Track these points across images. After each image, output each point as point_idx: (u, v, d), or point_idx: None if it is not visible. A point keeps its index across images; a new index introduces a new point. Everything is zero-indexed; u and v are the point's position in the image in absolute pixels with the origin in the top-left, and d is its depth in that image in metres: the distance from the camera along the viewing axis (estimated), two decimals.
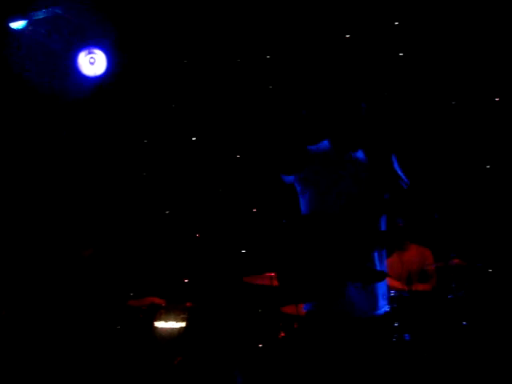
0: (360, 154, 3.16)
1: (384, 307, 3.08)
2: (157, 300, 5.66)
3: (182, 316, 5.59)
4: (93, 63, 6.11)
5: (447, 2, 5.56)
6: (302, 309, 3.20)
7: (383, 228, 3.13)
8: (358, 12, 5.72)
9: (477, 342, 5.17)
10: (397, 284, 5.27)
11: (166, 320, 5.55)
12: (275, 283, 5.36)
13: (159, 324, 5.55)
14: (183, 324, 5.58)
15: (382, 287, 3.09)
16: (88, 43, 6.05)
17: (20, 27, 5.64)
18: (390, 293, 3.16)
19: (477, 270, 5.40)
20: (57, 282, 5.66)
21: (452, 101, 5.76)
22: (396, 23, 5.71)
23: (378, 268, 3.04)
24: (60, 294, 5.63)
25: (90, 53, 6.09)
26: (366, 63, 5.53)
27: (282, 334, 5.32)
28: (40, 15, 5.66)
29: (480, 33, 5.57)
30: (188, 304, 5.67)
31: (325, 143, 3.23)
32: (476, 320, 5.21)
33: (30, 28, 5.70)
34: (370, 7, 5.67)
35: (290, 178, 3.19)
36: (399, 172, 3.09)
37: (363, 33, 5.78)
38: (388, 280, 3.18)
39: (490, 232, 5.63)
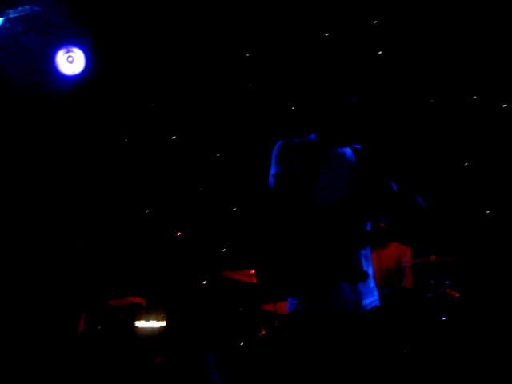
0: (348, 151, 3.10)
1: (374, 302, 3.03)
2: (137, 299, 5.65)
3: (162, 315, 5.58)
4: (71, 62, 6.07)
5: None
6: (285, 308, 3.17)
7: (368, 227, 3.10)
8: (350, 6, 5.73)
9: (457, 338, 5.22)
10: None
11: (147, 319, 5.54)
12: (255, 280, 5.37)
13: (140, 323, 5.53)
14: (164, 323, 5.57)
15: (371, 282, 3.04)
16: (66, 42, 6.01)
17: None
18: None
19: (457, 266, 5.45)
20: (50, 275, 5.64)
21: (444, 96, 5.76)
22: (388, 17, 5.71)
23: (364, 267, 3.00)
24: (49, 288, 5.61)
25: (68, 51, 6.05)
26: (358, 58, 5.52)
27: (263, 332, 5.32)
28: (17, 13, 5.61)
29: (475, 30, 5.60)
30: (168, 303, 5.67)
31: (312, 137, 3.15)
32: (455, 316, 5.26)
33: (6, 26, 5.65)
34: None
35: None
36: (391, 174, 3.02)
37: (355, 27, 5.78)
38: None
39: (471, 227, 5.68)
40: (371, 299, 3.01)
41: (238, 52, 6.23)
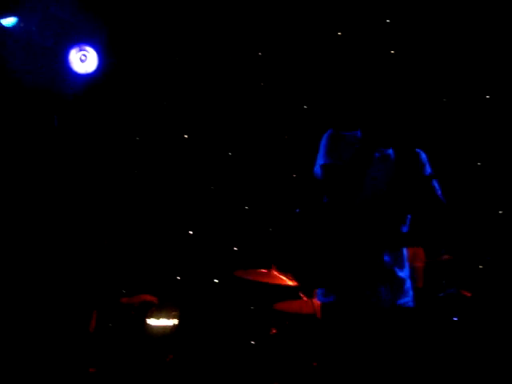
0: (390, 152, 3.12)
1: (408, 302, 3.11)
2: (149, 297, 5.66)
3: (174, 313, 5.60)
4: (84, 60, 6.09)
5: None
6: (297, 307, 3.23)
7: (404, 230, 3.12)
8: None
9: (468, 338, 5.21)
10: None
11: (158, 317, 5.56)
12: (267, 280, 5.40)
13: (151, 321, 5.55)
14: (175, 321, 5.58)
15: (407, 282, 3.13)
16: (79, 40, 6.03)
17: (11, 24, 5.62)
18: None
19: (468, 266, 5.44)
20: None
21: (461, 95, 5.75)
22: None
23: (395, 267, 3.06)
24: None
25: (81, 50, 6.07)
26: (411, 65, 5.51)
27: (274, 331, 5.32)
28: (32, 12, 5.65)
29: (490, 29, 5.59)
30: (180, 301, 5.68)
31: (358, 133, 3.17)
32: (467, 317, 5.25)
33: (21, 25, 5.68)
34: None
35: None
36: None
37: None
38: None
39: (482, 228, 5.66)
40: (402, 299, 3.09)
41: (253, 50, 6.24)
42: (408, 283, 3.15)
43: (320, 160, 3.08)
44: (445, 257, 5.18)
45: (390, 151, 3.13)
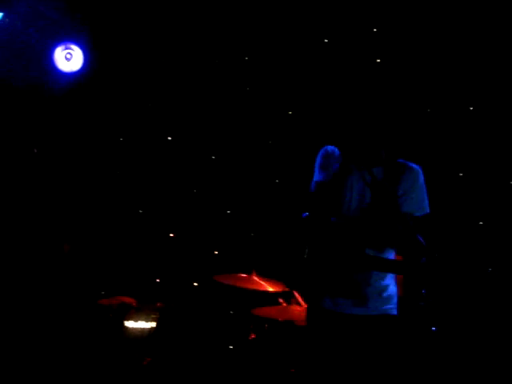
0: (378, 171, 3.15)
1: (389, 306, 3.17)
2: (127, 299, 5.63)
3: (152, 316, 5.56)
4: (69, 59, 6.07)
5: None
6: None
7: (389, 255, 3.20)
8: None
9: (447, 347, 5.22)
10: None
11: (137, 320, 5.52)
12: (246, 285, 5.39)
13: (129, 324, 5.51)
14: (154, 324, 5.55)
15: (390, 288, 3.19)
16: (65, 38, 6.01)
17: None
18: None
19: (447, 275, 5.45)
20: (33, 276, 5.64)
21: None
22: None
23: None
24: (34, 289, 5.62)
25: (66, 48, 6.05)
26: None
27: (253, 336, 5.31)
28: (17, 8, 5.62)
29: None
30: (159, 304, 5.65)
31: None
32: (446, 326, 5.26)
33: (6, 21, 5.64)
34: None
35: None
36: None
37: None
38: None
39: (462, 236, 5.68)
40: (381, 306, 3.14)
41: (239, 52, 6.23)
42: (391, 290, 3.20)
43: (314, 177, 3.23)
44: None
45: (378, 169, 3.17)
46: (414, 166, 3.23)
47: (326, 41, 5.91)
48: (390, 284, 3.21)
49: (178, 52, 6.24)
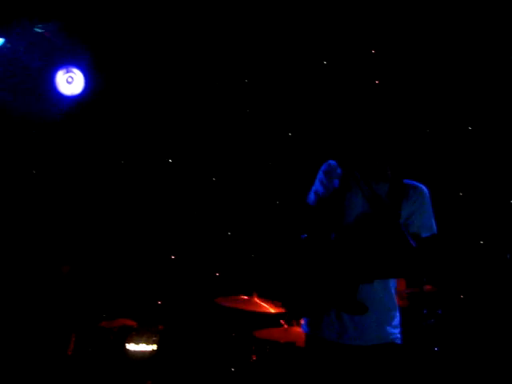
0: (381, 188, 3.13)
1: (392, 336, 3.07)
2: (129, 322, 5.62)
3: (153, 338, 5.55)
4: (71, 82, 6.10)
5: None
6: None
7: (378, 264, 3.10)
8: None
9: (449, 367, 5.20)
10: None
11: (138, 342, 5.51)
12: (247, 307, 5.38)
13: (130, 346, 5.50)
14: (155, 347, 5.54)
15: (395, 316, 3.11)
16: (66, 62, 6.05)
17: None
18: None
19: (448, 296, 5.45)
20: (33, 296, 5.64)
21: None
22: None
23: (368, 300, 3.02)
24: (35, 309, 5.60)
25: (67, 72, 6.09)
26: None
27: (254, 358, 5.29)
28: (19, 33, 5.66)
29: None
30: (160, 327, 5.64)
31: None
32: (448, 346, 5.25)
33: (8, 46, 5.69)
34: None
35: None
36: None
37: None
38: None
39: (464, 258, 5.68)
40: (380, 334, 3.03)
41: (239, 75, 6.28)
42: (396, 318, 3.12)
43: (314, 187, 3.20)
44: (427, 287, 5.17)
45: (383, 186, 3.15)
46: (421, 186, 3.20)
47: (331, 60, 5.94)
48: (396, 312, 3.13)
49: (179, 75, 6.28)
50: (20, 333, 5.58)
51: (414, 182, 3.20)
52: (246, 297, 5.37)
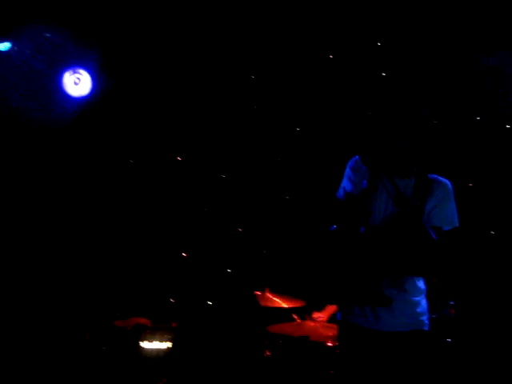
0: (402, 183, 3.19)
1: (420, 323, 3.19)
2: (142, 320, 5.65)
3: (167, 336, 5.57)
4: (78, 83, 6.13)
5: None
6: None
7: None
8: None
9: (462, 359, 5.21)
10: None
11: (152, 340, 5.53)
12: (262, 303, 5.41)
13: (144, 344, 5.52)
14: (169, 344, 5.56)
15: (422, 305, 3.22)
16: (73, 63, 6.07)
17: (5, 48, 5.66)
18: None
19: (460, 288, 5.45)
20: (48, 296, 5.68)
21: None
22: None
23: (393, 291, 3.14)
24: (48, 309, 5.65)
25: (74, 73, 6.11)
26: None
27: (268, 353, 5.31)
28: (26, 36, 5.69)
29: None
30: (174, 324, 5.66)
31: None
32: (461, 338, 5.25)
33: (15, 49, 5.72)
34: None
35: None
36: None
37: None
38: None
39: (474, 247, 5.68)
40: (414, 322, 3.16)
41: (246, 70, 6.28)
42: (423, 305, 3.23)
43: (342, 183, 3.31)
44: (433, 280, 5.18)
45: (409, 183, 3.22)
46: (445, 180, 3.28)
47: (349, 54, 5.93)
48: (422, 299, 3.24)
49: (186, 73, 6.29)
50: (33, 332, 5.63)
51: (439, 177, 3.28)
52: (258, 292, 5.41)
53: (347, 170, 3.31)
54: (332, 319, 5.33)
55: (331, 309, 5.37)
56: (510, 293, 5.65)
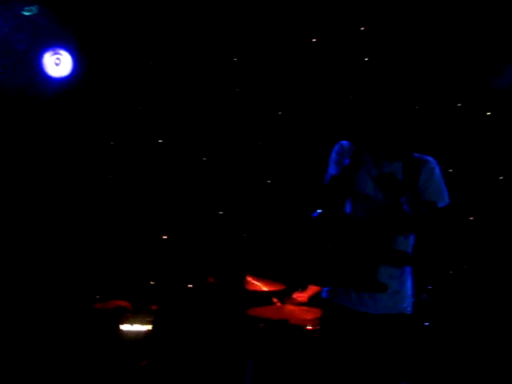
0: (390, 166, 3.24)
1: (403, 306, 3.24)
2: (123, 303, 5.64)
3: (147, 319, 5.58)
4: (58, 64, 6.06)
5: None
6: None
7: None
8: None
9: (439, 342, 5.26)
10: None
11: (132, 323, 5.53)
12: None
13: (125, 327, 5.52)
14: (149, 327, 5.57)
15: (407, 289, 3.26)
16: (53, 44, 5.99)
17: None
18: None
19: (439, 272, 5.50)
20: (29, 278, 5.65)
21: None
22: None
23: (384, 277, 3.17)
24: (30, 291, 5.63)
25: (55, 53, 6.04)
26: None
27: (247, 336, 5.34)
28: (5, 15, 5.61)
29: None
30: (154, 307, 5.66)
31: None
32: (439, 321, 5.31)
33: None
34: None
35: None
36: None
37: None
38: None
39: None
40: (398, 305, 3.20)
41: (228, 53, 6.24)
42: (408, 288, 3.27)
43: (329, 169, 3.33)
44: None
45: (397, 164, 3.25)
46: (430, 158, 3.33)
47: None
48: (408, 283, 3.28)
49: (167, 54, 6.24)
50: (17, 315, 5.62)
51: (423, 156, 3.34)
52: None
53: (333, 155, 3.33)
54: (313, 300, 5.38)
55: (312, 289, 5.40)
56: (487, 279, 5.71)
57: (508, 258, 5.63)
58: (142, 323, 5.55)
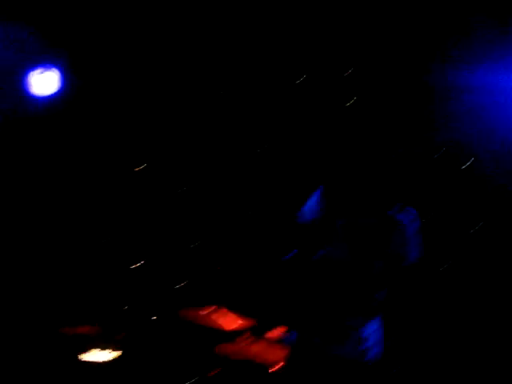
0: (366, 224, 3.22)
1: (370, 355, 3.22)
2: (90, 329, 5.61)
3: (114, 347, 5.54)
4: (45, 83, 6.06)
5: None
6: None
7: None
8: None
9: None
10: None
11: (98, 350, 5.49)
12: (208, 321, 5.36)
13: (91, 354, 5.48)
14: (116, 354, 5.53)
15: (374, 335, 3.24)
16: (40, 62, 6.00)
17: None
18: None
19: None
20: None
21: None
22: None
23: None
24: None
25: (42, 72, 6.04)
26: None
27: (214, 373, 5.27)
28: None
29: None
30: (121, 334, 5.62)
31: None
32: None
33: None
34: None
35: None
36: None
37: None
38: None
39: None
40: (360, 352, 3.18)
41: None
42: (376, 337, 3.25)
43: (304, 208, 3.32)
44: None
45: (368, 222, 3.23)
46: (404, 218, 3.25)
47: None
48: (378, 330, 3.27)
49: (155, 70, 6.21)
50: None
51: (398, 214, 3.26)
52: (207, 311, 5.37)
53: (313, 197, 3.32)
54: (281, 339, 5.29)
55: (281, 328, 5.33)
56: None
57: None
58: (110, 350, 5.50)
